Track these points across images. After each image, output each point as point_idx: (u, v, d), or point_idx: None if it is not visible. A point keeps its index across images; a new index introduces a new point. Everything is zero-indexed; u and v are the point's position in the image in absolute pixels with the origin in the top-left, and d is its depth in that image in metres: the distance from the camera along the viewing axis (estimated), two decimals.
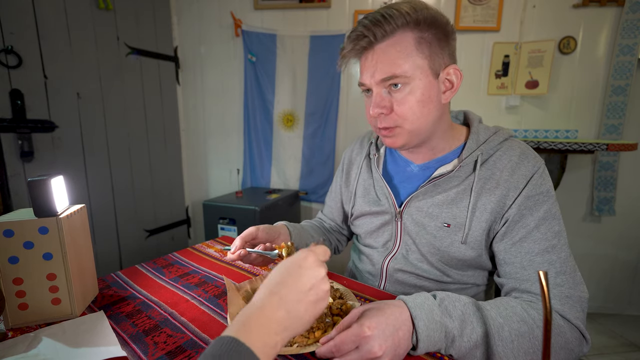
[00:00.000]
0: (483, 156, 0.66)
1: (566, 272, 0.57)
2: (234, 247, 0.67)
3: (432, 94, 0.62)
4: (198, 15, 2.18)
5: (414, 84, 0.61)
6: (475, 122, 0.72)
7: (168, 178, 2.24)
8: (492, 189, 0.63)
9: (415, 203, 0.71)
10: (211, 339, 0.52)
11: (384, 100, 0.63)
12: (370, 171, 0.82)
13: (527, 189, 0.61)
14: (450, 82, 0.64)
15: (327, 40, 2.01)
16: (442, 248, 0.68)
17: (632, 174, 1.87)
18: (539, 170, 0.62)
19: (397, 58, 0.60)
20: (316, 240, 0.94)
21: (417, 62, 0.60)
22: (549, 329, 0.35)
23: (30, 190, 0.54)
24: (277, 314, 0.38)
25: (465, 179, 0.66)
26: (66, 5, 1.58)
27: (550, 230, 0.59)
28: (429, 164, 0.72)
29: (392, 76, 0.60)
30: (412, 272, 0.73)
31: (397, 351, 0.46)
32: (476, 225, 0.64)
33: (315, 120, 2.13)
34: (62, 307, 0.58)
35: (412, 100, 0.61)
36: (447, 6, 1.88)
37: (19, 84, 1.44)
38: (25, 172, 1.48)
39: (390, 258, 0.75)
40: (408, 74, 0.60)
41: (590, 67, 1.81)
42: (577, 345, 0.54)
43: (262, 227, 0.73)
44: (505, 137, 0.67)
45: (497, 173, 0.64)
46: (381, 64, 0.61)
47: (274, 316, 0.38)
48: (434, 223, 0.68)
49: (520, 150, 0.65)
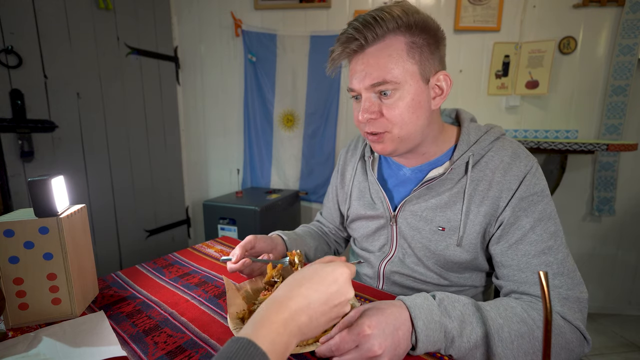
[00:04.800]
0: (474, 157, 0.65)
1: (564, 273, 0.57)
2: (234, 257, 0.65)
3: (422, 99, 0.62)
4: (198, 15, 2.18)
5: (404, 90, 0.60)
6: (466, 121, 0.71)
7: (168, 178, 2.24)
8: (485, 191, 0.63)
9: (409, 207, 0.70)
10: (211, 338, 0.52)
11: (373, 105, 0.62)
12: (365, 173, 0.81)
13: (521, 189, 0.60)
14: (440, 88, 0.64)
15: (327, 40, 2.01)
16: (437, 251, 0.67)
17: (632, 174, 1.87)
18: (531, 170, 0.62)
19: (388, 62, 0.59)
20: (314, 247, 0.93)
21: (408, 67, 0.59)
22: (549, 329, 0.35)
23: (31, 190, 0.54)
24: (301, 318, 0.38)
25: (457, 181, 0.66)
26: (66, 5, 1.58)
27: (546, 231, 0.58)
28: (421, 167, 0.71)
29: (382, 81, 0.59)
30: (409, 275, 0.72)
31: (397, 350, 0.46)
32: (470, 228, 0.64)
33: (315, 120, 2.13)
34: (62, 307, 0.58)
35: (402, 106, 0.60)
36: (447, 6, 1.88)
37: (19, 84, 1.44)
38: (26, 172, 1.48)
39: (387, 262, 0.75)
40: (398, 80, 0.59)
41: (590, 67, 1.81)
42: (578, 346, 0.54)
43: (260, 236, 0.73)
44: (496, 136, 0.67)
45: (490, 174, 0.63)
46: (371, 68, 0.60)
47: (297, 319, 0.37)
48: (428, 227, 0.68)
49: (512, 150, 0.64)
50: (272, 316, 0.36)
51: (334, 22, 2.02)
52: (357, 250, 0.84)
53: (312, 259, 0.88)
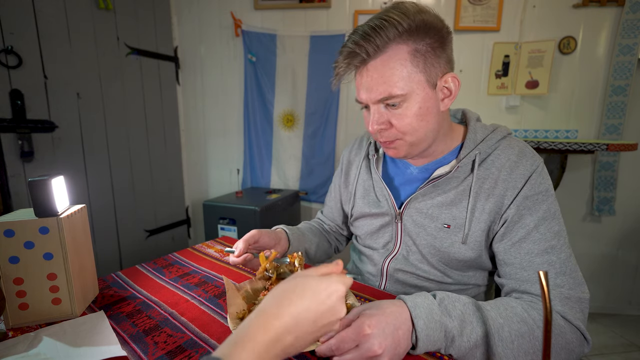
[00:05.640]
0: (481, 155, 0.65)
1: (566, 272, 0.57)
2: (237, 250, 0.66)
3: (430, 105, 0.61)
4: (198, 15, 2.18)
5: (411, 100, 0.60)
6: (472, 120, 0.71)
7: (168, 178, 2.24)
8: (491, 189, 0.63)
9: (415, 204, 0.70)
10: (211, 338, 0.52)
11: (383, 116, 0.63)
12: (370, 172, 0.81)
13: (526, 188, 0.60)
14: (449, 90, 0.63)
15: (327, 40, 2.01)
16: (442, 249, 0.68)
17: (632, 174, 1.87)
18: (537, 169, 0.62)
19: (392, 76, 0.58)
20: (329, 255, 0.94)
21: (413, 77, 0.59)
22: (549, 329, 0.35)
23: (31, 191, 0.54)
24: (287, 339, 0.35)
25: (464, 179, 0.66)
26: (66, 5, 1.58)
27: (550, 230, 0.58)
28: (428, 166, 0.72)
29: (388, 96, 0.59)
30: (413, 272, 0.72)
31: (397, 350, 0.46)
32: (475, 225, 0.64)
33: (315, 120, 2.13)
34: (62, 307, 0.58)
35: (411, 115, 0.61)
36: (447, 6, 1.88)
37: (19, 84, 1.44)
38: (26, 172, 1.48)
39: (390, 259, 0.75)
40: (404, 91, 0.59)
41: (590, 67, 1.81)
42: (578, 346, 0.54)
43: (264, 231, 0.72)
44: (503, 135, 0.67)
45: (495, 172, 0.63)
46: (376, 83, 0.59)
47: (283, 340, 0.35)
48: (434, 224, 0.68)
49: (518, 149, 0.65)
50: (255, 336, 0.34)
51: (334, 22, 2.02)
52: (359, 247, 0.84)
53: (313, 256, 0.88)
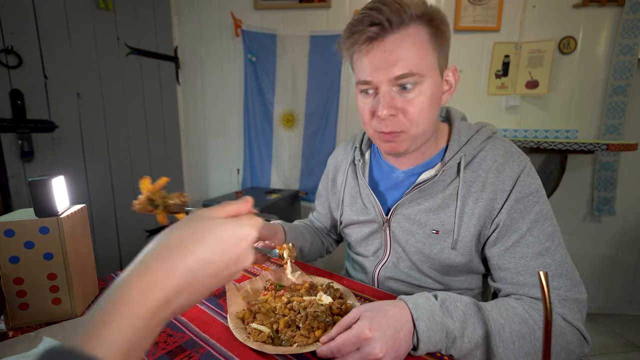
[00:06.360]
0: (466, 157, 0.63)
1: (562, 274, 0.56)
2: None
3: (438, 94, 0.60)
4: (198, 15, 2.18)
5: (425, 84, 0.57)
6: (457, 120, 0.69)
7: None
8: (479, 192, 0.61)
9: (402, 210, 0.69)
10: (211, 338, 0.52)
11: (395, 100, 0.57)
12: (356, 178, 0.78)
13: (516, 190, 0.59)
14: (449, 84, 0.63)
15: (327, 40, 2.01)
16: (432, 255, 0.66)
17: (632, 174, 1.87)
18: (525, 169, 0.60)
19: (415, 53, 0.54)
20: (322, 255, 0.92)
21: (430, 58, 0.56)
22: (550, 330, 0.35)
23: (31, 190, 0.54)
24: (176, 301, 0.28)
25: (450, 183, 0.64)
26: (66, 6, 1.58)
27: (543, 232, 0.57)
28: (413, 170, 0.69)
29: (407, 73, 0.54)
30: (404, 280, 0.71)
31: (398, 352, 0.45)
32: (465, 230, 0.63)
33: (315, 120, 2.13)
34: (62, 307, 0.58)
35: (423, 101, 0.57)
36: (447, 6, 1.88)
37: (19, 84, 1.44)
38: (26, 172, 1.48)
39: (381, 267, 0.74)
40: (423, 72, 0.55)
41: (590, 67, 1.81)
42: (578, 346, 0.54)
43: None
44: (487, 135, 0.65)
45: (483, 175, 0.62)
46: (395, 57, 0.54)
47: (174, 302, 0.28)
48: (422, 230, 0.66)
49: (504, 150, 0.63)
50: (131, 307, 0.25)
51: (334, 22, 2.02)
52: (352, 255, 0.83)
53: (307, 254, 0.86)
